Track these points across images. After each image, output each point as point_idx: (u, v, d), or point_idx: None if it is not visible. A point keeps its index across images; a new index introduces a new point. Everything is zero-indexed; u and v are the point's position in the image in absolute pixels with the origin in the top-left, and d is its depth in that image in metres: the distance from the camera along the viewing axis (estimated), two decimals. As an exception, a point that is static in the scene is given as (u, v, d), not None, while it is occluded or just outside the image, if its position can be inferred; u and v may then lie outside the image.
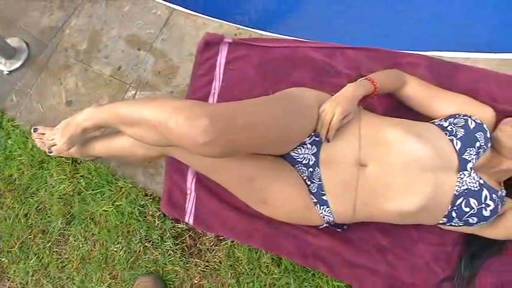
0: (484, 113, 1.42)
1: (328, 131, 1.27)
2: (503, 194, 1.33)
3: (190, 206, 1.53)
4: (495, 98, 1.60)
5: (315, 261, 1.47)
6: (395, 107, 1.57)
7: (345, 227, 1.48)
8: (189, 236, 1.57)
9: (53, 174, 1.64)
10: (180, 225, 1.57)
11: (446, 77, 1.63)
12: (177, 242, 1.56)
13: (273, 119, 1.18)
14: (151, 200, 1.59)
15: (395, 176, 1.25)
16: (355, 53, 1.66)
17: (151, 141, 1.20)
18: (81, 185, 1.63)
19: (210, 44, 1.66)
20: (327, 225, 1.43)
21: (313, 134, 1.32)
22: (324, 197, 1.31)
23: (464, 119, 1.34)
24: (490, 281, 1.48)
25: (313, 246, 1.48)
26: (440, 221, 1.33)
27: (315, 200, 1.33)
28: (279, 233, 1.48)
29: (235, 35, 1.70)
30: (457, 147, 1.29)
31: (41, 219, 1.66)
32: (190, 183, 1.54)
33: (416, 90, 1.47)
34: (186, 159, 1.40)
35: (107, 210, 1.60)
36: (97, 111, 1.34)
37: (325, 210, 1.33)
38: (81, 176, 1.64)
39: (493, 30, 1.88)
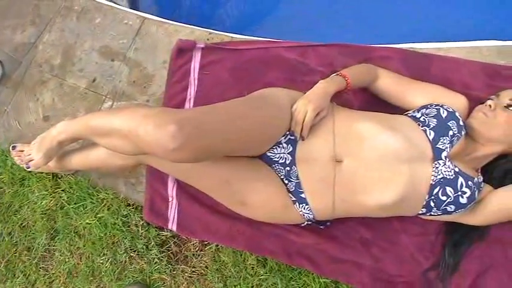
0: (457, 101, 1.43)
1: (302, 129, 1.28)
2: (480, 181, 1.34)
3: (172, 213, 1.53)
4: (469, 86, 1.62)
5: (300, 260, 1.48)
6: (371, 101, 1.58)
7: (328, 223, 1.49)
8: (174, 242, 1.57)
9: (34, 190, 1.64)
10: (164, 233, 1.57)
11: (420, 69, 1.64)
12: (162, 249, 1.56)
13: (245, 120, 1.18)
14: (134, 210, 1.59)
15: (371, 170, 1.26)
16: (327, 49, 1.67)
17: (125, 150, 1.20)
18: (63, 199, 1.62)
19: (183, 51, 1.66)
20: (310, 222, 1.43)
21: (288, 133, 1.32)
22: (302, 195, 1.32)
23: (436, 108, 1.35)
24: (473, 268, 1.49)
25: (297, 244, 1.49)
26: (420, 212, 1.34)
27: (294, 199, 1.33)
28: (262, 234, 1.49)
29: (208, 39, 1.71)
30: (431, 137, 1.30)
31: (25, 236, 1.65)
32: (172, 190, 1.54)
33: (389, 83, 1.48)
34: (162, 167, 1.40)
35: (90, 223, 1.59)
36: (70, 123, 1.34)
37: (304, 208, 1.33)
38: (62, 190, 1.63)
39: (463, 18, 1.90)
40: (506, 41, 1.70)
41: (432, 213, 1.34)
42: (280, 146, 1.32)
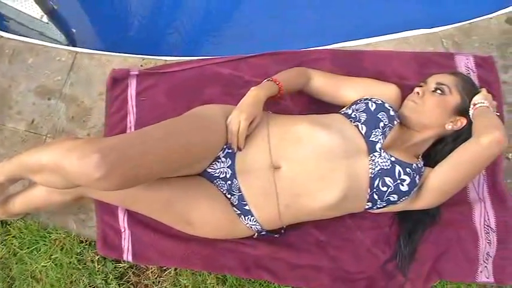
0: (388, 91, 1.47)
1: (238, 140, 1.29)
2: (420, 166, 1.36)
3: (126, 243, 1.52)
4: (402, 76, 1.67)
5: (258, 272, 1.48)
6: (310, 106, 1.62)
7: (282, 231, 1.49)
8: (133, 273, 1.56)
9: (-17, 241, 1.60)
10: (121, 265, 1.55)
11: (353, 66, 1.68)
12: (121, 282, 1.55)
13: (174, 141, 1.18)
14: (87, 246, 1.57)
15: (310, 171, 1.27)
16: (260, 60, 1.69)
17: (58, 185, 1.19)
18: (15, 246, 1.59)
19: (118, 80, 1.66)
20: (264, 233, 1.44)
21: (225, 146, 1.33)
22: (247, 207, 1.32)
23: (365, 102, 1.38)
24: (430, 253, 1.52)
25: (253, 257, 1.49)
26: (366, 206, 1.36)
27: (239, 212, 1.33)
28: (217, 252, 1.48)
29: (141, 65, 1.71)
30: (363, 132, 1.32)
31: (-19, 289, 1.61)
32: (123, 221, 1.53)
33: (322, 82, 1.50)
34: (102, 197, 1.39)
35: (45, 266, 1.56)
36: (5, 164, 1.32)
37: (250, 220, 1.34)
38: (13, 236, 1.60)
39: (388, 11, 1.95)
40: (432, 28, 1.74)
41: (378, 206, 1.35)
42: (219, 160, 1.33)
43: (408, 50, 1.73)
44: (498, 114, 1.37)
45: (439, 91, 1.39)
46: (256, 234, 1.43)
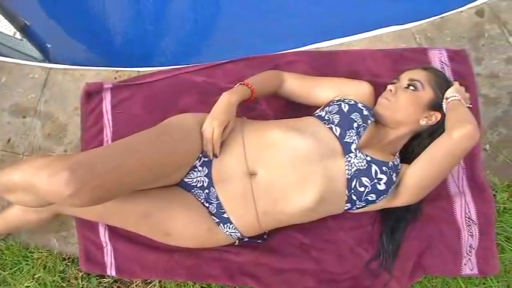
0: (361, 89, 1.47)
1: (213, 147, 1.28)
2: (396, 163, 1.36)
3: (109, 258, 1.51)
4: (376, 74, 1.67)
5: (242, 279, 1.48)
6: (285, 110, 1.61)
7: (265, 236, 1.49)
8: (118, 287, 1.55)
9: (-35, 265, 1.58)
10: (105, 279, 1.54)
11: (327, 67, 1.68)
12: (107, 297, 1.53)
13: (146, 153, 1.18)
14: (70, 263, 1.56)
15: (287, 176, 1.27)
16: (234, 65, 1.68)
17: (33, 203, 1.18)
18: (-3, 268, 1.57)
19: (92, 94, 1.65)
20: (246, 239, 1.43)
21: (201, 155, 1.33)
22: (225, 215, 1.32)
23: (338, 104, 1.38)
24: (414, 249, 1.53)
25: (237, 264, 1.49)
26: (346, 207, 1.36)
27: (217, 220, 1.33)
28: (201, 261, 1.48)
29: (115, 78, 1.70)
30: (337, 133, 1.32)
31: (-34, 313, 1.59)
32: (104, 236, 1.52)
33: (296, 84, 1.50)
34: (77, 213, 1.39)
35: (29, 286, 1.55)
36: None
37: (230, 228, 1.33)
38: (-6, 258, 1.58)
39: (360, 11, 1.95)
40: (403, 24, 1.75)
41: (358, 206, 1.35)
42: (196, 169, 1.32)
43: (381, 48, 1.73)
44: (470, 106, 1.38)
45: (411, 87, 1.39)
46: (237, 241, 1.42)
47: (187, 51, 1.97)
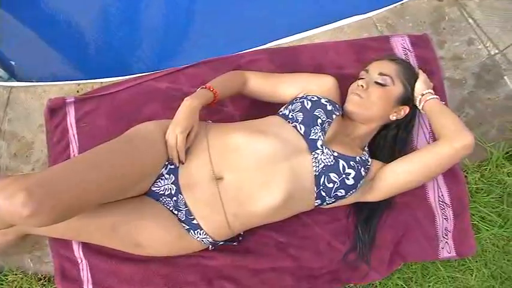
0: (325, 83, 1.47)
1: (178, 154, 1.27)
2: (364, 158, 1.36)
3: (85, 274, 1.49)
4: (340, 66, 1.67)
5: (220, 283, 1.48)
6: (251, 110, 1.61)
7: (240, 238, 1.48)
8: (97, 302, 1.52)
9: None
10: (84, 296, 1.52)
11: (290, 62, 1.67)
12: (86, 313, 1.51)
13: (107, 167, 1.16)
14: (46, 282, 1.54)
15: (253, 178, 1.26)
16: (196, 69, 1.67)
17: None
18: (-28, 294, 1.55)
19: (56, 109, 1.62)
20: (222, 242, 1.43)
21: (167, 163, 1.31)
22: (194, 221, 1.31)
23: (300, 102, 1.37)
24: (390, 237, 1.53)
25: (214, 268, 1.48)
26: (316, 203, 1.35)
27: (187, 227, 1.32)
28: (177, 268, 1.47)
29: (78, 91, 1.67)
30: (302, 131, 1.32)
31: None
32: (78, 252, 1.50)
33: (259, 83, 1.49)
34: (45, 232, 1.37)
35: (6, 310, 1.53)
36: None
37: (200, 234, 1.32)
38: (-32, 285, 1.56)
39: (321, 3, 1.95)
40: (364, 14, 1.75)
41: (328, 202, 1.35)
42: (163, 178, 1.31)
43: (344, 39, 1.73)
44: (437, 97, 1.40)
45: (382, 83, 1.38)
46: (210, 246, 1.41)
47: (148, 59, 1.95)
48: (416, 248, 1.55)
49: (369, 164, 1.37)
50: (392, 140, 1.49)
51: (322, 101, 1.38)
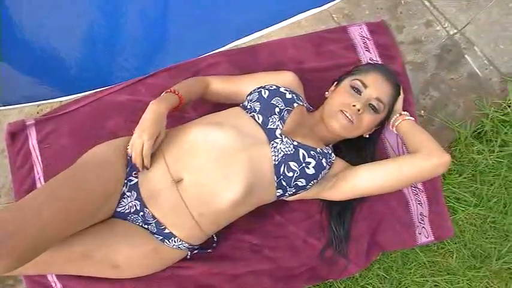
0: (285, 78, 1.46)
1: (143, 161, 1.24)
2: (326, 151, 1.34)
3: (61, 297, 1.46)
4: (300, 60, 1.66)
5: (198, 292, 1.44)
6: (211, 112, 1.57)
7: (214, 245, 1.46)
8: (76, 325, 1.49)
9: None
10: (62, 320, 1.49)
11: (250, 62, 1.66)
12: (66, 337, 1.48)
13: (65, 198, 1.12)
14: (22, 310, 1.51)
15: (211, 173, 1.24)
16: (155, 78, 1.64)
17: None
18: None
19: (16, 133, 1.59)
20: (196, 251, 1.41)
21: (125, 181, 1.29)
22: (166, 230, 1.29)
23: (258, 91, 1.36)
24: (365, 229, 1.53)
25: (191, 278, 1.46)
26: (277, 194, 1.33)
27: (161, 237, 1.30)
28: (153, 282, 1.44)
29: (38, 113, 1.65)
30: (260, 121, 1.30)
31: None
32: (52, 276, 1.46)
33: (220, 86, 1.48)
34: (14, 272, 1.32)
35: None
36: None
37: (175, 241, 1.30)
38: None
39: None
40: (319, 7, 1.73)
41: (289, 192, 1.32)
42: (125, 196, 1.29)
43: (302, 33, 1.71)
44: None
45: (377, 108, 1.35)
46: (189, 253, 1.39)
47: (107, 72, 1.92)
48: (393, 236, 1.54)
49: (332, 158, 1.36)
50: (359, 145, 1.49)
51: (281, 89, 1.36)
